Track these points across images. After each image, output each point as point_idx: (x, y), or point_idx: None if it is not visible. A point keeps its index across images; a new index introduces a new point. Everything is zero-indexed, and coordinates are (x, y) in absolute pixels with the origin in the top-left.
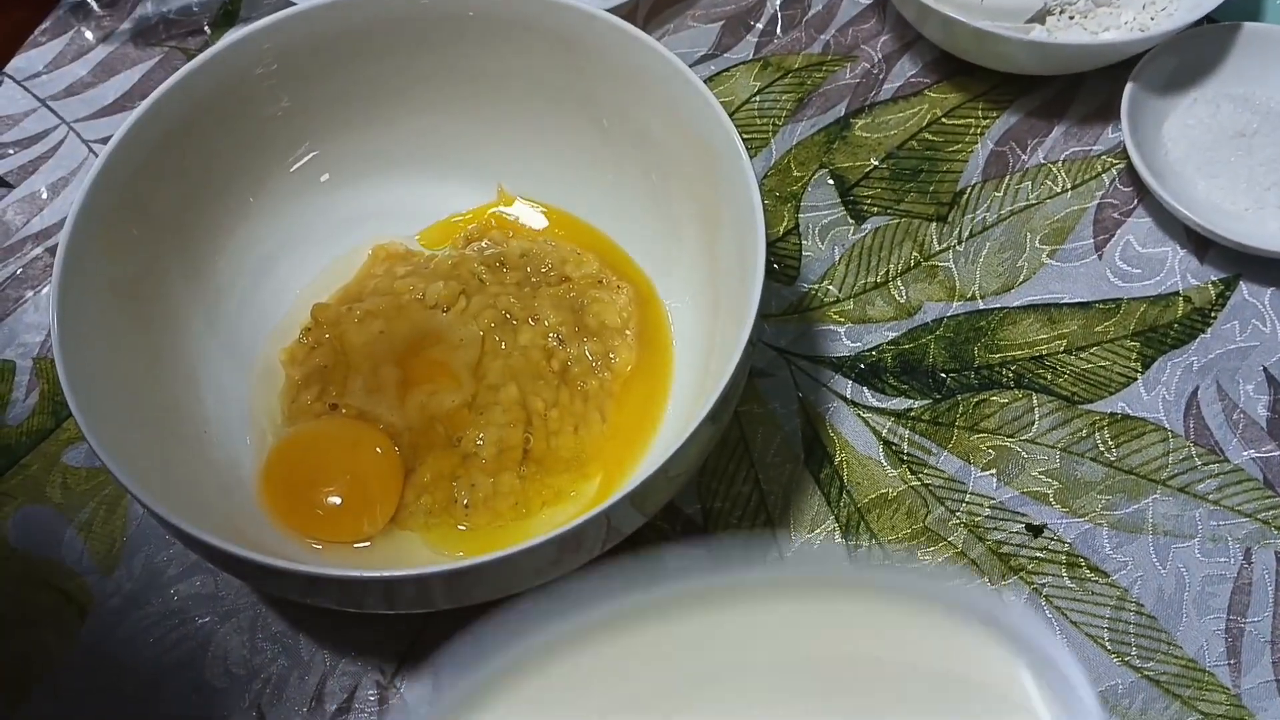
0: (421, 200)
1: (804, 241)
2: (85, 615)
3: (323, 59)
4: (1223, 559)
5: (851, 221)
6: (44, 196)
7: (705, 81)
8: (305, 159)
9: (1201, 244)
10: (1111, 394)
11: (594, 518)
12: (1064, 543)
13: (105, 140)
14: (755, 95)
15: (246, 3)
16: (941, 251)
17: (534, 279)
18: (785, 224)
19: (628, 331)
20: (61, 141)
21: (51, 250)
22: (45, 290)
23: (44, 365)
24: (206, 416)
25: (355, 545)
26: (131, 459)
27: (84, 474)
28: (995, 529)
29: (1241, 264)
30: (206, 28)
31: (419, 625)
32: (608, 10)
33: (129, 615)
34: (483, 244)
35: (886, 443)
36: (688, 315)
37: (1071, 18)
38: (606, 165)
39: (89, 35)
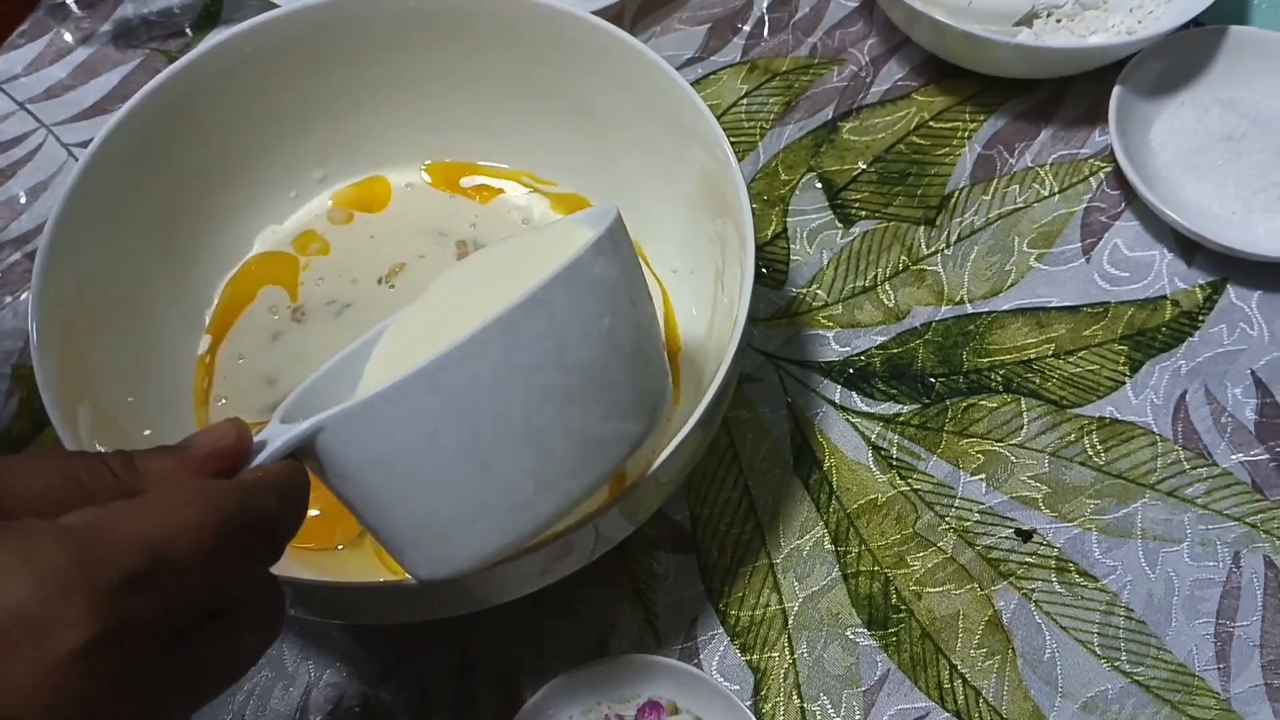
0: None
1: (792, 245)
2: None
3: (306, 61)
4: (1211, 563)
5: (840, 225)
6: (22, 201)
7: (692, 84)
8: (289, 162)
9: (1189, 247)
10: (1100, 398)
11: (582, 527)
12: (1053, 548)
13: (85, 144)
14: (743, 98)
15: (228, 4)
16: (929, 255)
17: None
18: (773, 228)
19: None
20: (40, 145)
21: (31, 256)
22: (24, 296)
23: (23, 372)
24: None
25: (336, 549)
26: None
27: None
28: (985, 534)
29: (1229, 267)
30: (188, 29)
31: (405, 636)
32: (593, 12)
33: None
34: None
35: (875, 448)
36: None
37: (1059, 21)
38: (595, 169)
39: (68, 37)
